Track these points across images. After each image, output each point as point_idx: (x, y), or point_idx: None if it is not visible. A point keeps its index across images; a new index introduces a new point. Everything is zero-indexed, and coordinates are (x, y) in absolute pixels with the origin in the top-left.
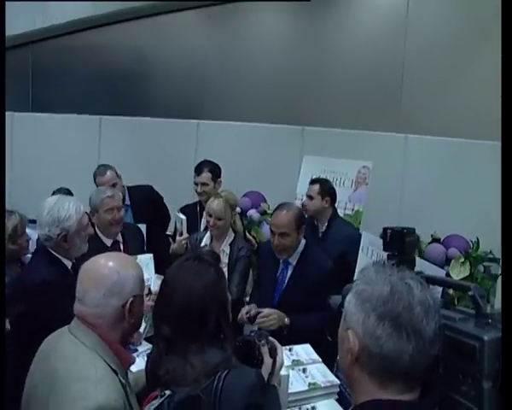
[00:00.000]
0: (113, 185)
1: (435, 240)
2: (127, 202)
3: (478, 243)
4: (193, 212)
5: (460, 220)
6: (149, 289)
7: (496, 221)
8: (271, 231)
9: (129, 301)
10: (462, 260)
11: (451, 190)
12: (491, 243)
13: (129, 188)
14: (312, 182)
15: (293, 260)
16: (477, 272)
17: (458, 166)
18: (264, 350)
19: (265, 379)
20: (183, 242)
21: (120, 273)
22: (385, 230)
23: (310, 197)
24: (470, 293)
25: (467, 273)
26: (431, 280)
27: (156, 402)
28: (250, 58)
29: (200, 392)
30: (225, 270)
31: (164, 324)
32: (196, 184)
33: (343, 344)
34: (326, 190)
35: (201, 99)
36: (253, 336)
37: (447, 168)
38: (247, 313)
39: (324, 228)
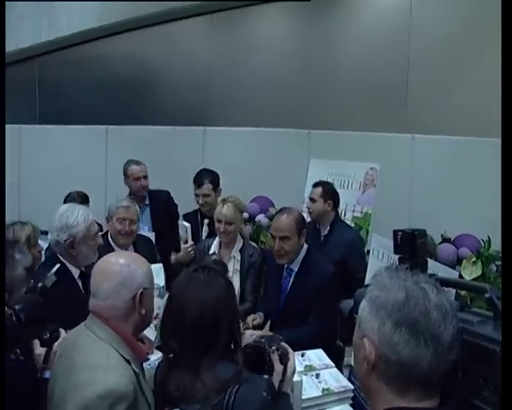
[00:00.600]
0: (144, 178)
1: (446, 240)
2: (147, 201)
3: (489, 241)
4: (194, 220)
5: (470, 219)
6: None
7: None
8: (272, 236)
9: (138, 293)
10: (474, 259)
11: (460, 188)
12: None
13: (149, 190)
14: (315, 185)
15: (295, 267)
16: (489, 272)
17: (466, 165)
18: (275, 357)
19: (276, 387)
20: (190, 249)
21: (130, 267)
22: (395, 232)
23: (312, 200)
24: (487, 295)
25: (479, 273)
26: (445, 282)
27: None
28: (254, 63)
29: (211, 408)
30: (237, 277)
31: (173, 339)
32: (197, 195)
33: (359, 352)
34: (329, 192)
35: (207, 106)
36: (263, 342)
37: (455, 167)
38: (253, 320)
39: (326, 232)
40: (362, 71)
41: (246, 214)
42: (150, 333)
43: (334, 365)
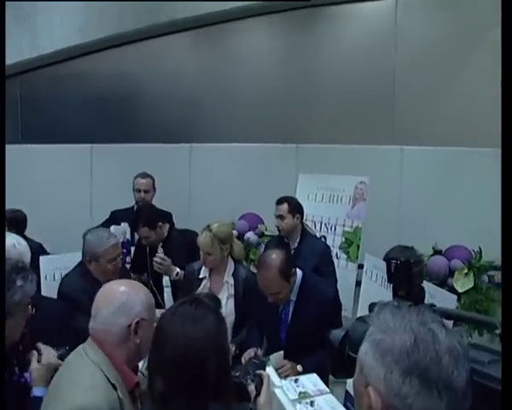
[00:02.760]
0: (146, 192)
1: (437, 252)
2: None
3: (480, 252)
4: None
5: (461, 230)
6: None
7: (497, 229)
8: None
9: (134, 322)
10: (466, 271)
11: (450, 199)
12: (495, 251)
13: None
14: (279, 202)
15: (293, 296)
16: (481, 283)
17: (456, 175)
18: (251, 388)
19: None
20: None
21: (130, 295)
22: (388, 261)
23: (281, 217)
24: (498, 331)
25: (471, 285)
26: (448, 315)
27: None
28: (240, 78)
29: None
30: (232, 302)
31: (158, 375)
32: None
33: (362, 400)
34: (295, 207)
35: (193, 122)
36: (237, 376)
37: (445, 178)
38: (253, 357)
39: (296, 244)
40: (348, 82)
41: (235, 232)
42: None
43: (328, 390)
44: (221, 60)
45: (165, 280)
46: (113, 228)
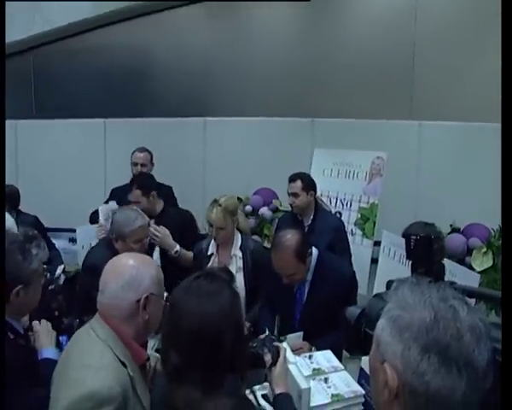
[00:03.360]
0: (142, 166)
1: (455, 230)
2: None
3: (500, 230)
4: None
5: (480, 208)
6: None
7: None
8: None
9: (143, 297)
10: (485, 249)
11: (469, 176)
12: None
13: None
14: (293, 179)
15: (309, 276)
16: (501, 262)
17: (475, 152)
18: (267, 358)
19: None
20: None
21: (139, 269)
22: (408, 236)
23: (295, 195)
24: None
25: (490, 264)
26: (469, 293)
27: None
28: (255, 51)
29: None
30: (241, 275)
31: (173, 350)
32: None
33: (377, 377)
34: (309, 183)
35: (207, 96)
36: (255, 348)
37: (464, 154)
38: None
39: (310, 221)
40: (367, 57)
41: (249, 207)
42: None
43: (343, 367)
44: (235, 32)
45: (156, 257)
46: (101, 207)
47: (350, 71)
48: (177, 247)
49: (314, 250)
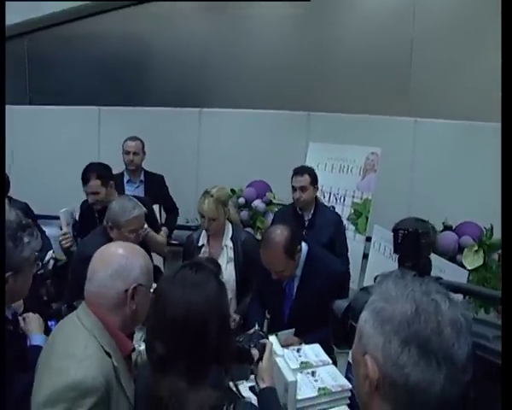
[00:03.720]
0: (134, 154)
1: (447, 228)
2: (141, 178)
3: (492, 229)
4: (92, 218)
5: (473, 206)
6: None
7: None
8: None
9: (132, 287)
10: (476, 248)
11: (463, 174)
12: None
13: (145, 170)
14: (301, 173)
15: (299, 271)
16: (491, 261)
17: (470, 150)
18: (254, 352)
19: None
20: (63, 238)
21: (129, 259)
22: (396, 231)
23: (303, 189)
24: None
25: (480, 262)
26: (454, 288)
27: None
28: (252, 43)
29: None
30: (232, 266)
31: (158, 340)
32: (86, 193)
33: (359, 369)
34: (315, 178)
35: (203, 86)
36: (241, 341)
37: (458, 152)
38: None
39: (310, 215)
40: (364, 52)
41: (242, 199)
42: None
43: (331, 361)
44: (232, 23)
45: None
46: (61, 213)
47: (347, 66)
48: (145, 225)
49: (304, 246)
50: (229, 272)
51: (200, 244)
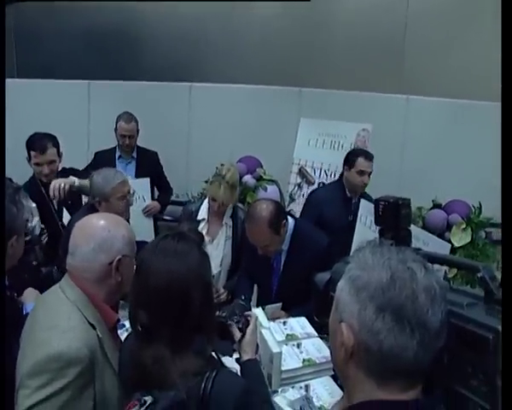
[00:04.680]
0: (130, 137)
1: (436, 206)
2: (134, 154)
3: (480, 208)
4: (39, 195)
5: (463, 184)
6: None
7: (499, 185)
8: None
9: (116, 259)
10: (464, 226)
11: (454, 152)
12: (494, 207)
13: (138, 147)
14: (370, 158)
15: (285, 245)
16: (478, 238)
17: (461, 129)
18: (234, 330)
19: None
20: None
21: (111, 231)
22: (377, 201)
23: (369, 175)
24: (479, 274)
25: (468, 240)
26: (433, 259)
27: None
28: (243, 17)
29: (186, 395)
30: (230, 244)
31: (141, 309)
32: (39, 164)
33: (335, 337)
34: None
35: (193, 61)
36: (224, 317)
37: (449, 130)
38: (241, 299)
39: (356, 199)
40: (358, 28)
41: None
42: None
43: (316, 334)
44: None
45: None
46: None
47: (341, 42)
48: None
49: (290, 220)
50: (227, 250)
51: (199, 218)
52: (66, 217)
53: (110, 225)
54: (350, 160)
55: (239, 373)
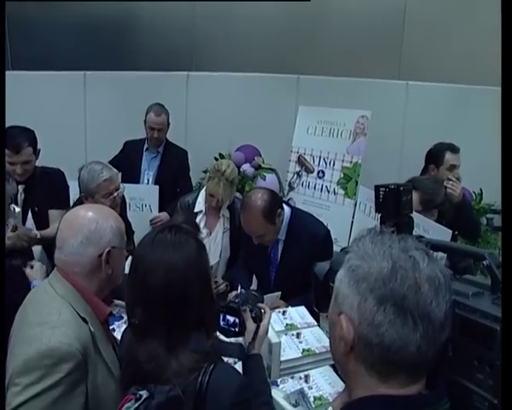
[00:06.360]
0: (159, 130)
1: None
2: (160, 149)
3: (481, 194)
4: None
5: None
6: None
7: (499, 171)
8: None
9: (105, 251)
10: None
11: (454, 138)
12: (496, 193)
13: (168, 142)
14: (457, 149)
15: (282, 235)
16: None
17: (461, 114)
18: (247, 316)
19: (246, 348)
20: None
21: (99, 223)
22: (377, 188)
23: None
24: (485, 262)
25: None
26: (437, 247)
27: (131, 405)
28: (241, 5)
29: (181, 390)
30: (228, 236)
31: (138, 306)
32: (13, 164)
33: (335, 330)
34: None
35: (190, 50)
36: (237, 303)
37: (449, 115)
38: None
39: None
40: (356, 15)
41: None
42: None
43: (316, 323)
44: None
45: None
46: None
47: (339, 29)
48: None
49: (287, 209)
50: (225, 242)
51: (196, 210)
52: None
53: (98, 217)
54: (436, 157)
55: (236, 365)
